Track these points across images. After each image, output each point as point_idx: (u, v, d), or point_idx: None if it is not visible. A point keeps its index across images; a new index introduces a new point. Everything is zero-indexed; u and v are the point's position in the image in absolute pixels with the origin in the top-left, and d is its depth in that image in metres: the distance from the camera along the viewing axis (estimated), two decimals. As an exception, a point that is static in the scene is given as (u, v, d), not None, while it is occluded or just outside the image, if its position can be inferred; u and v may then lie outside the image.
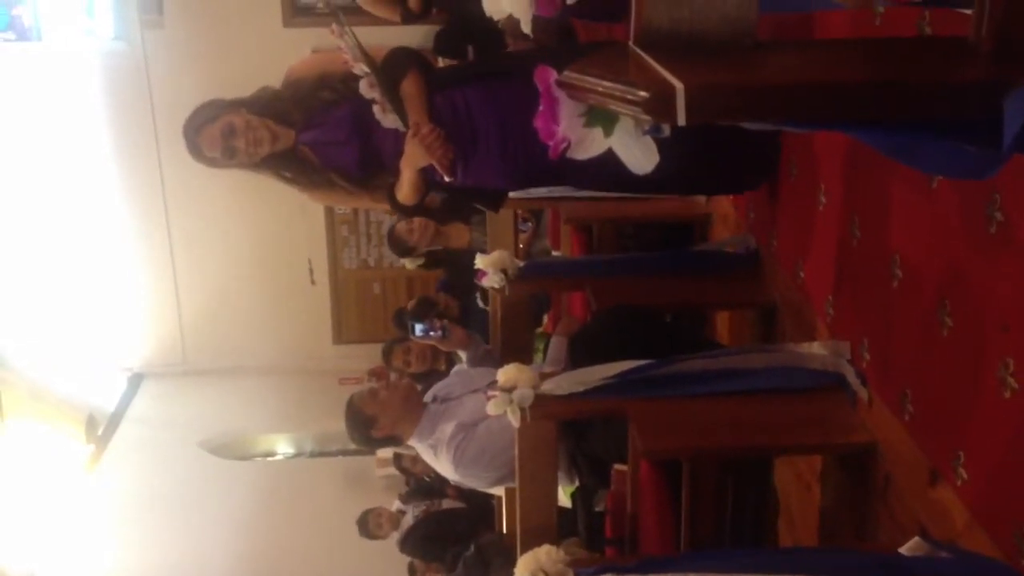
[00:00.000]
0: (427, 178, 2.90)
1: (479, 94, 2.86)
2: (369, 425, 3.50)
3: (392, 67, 2.83)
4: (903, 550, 1.95)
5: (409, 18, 4.42)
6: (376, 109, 2.82)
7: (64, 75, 8.75)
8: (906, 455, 2.32)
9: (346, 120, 2.89)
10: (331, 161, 2.92)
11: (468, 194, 3.11)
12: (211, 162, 2.92)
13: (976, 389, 2.02)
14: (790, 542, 3.04)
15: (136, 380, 9.60)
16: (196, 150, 2.91)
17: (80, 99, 8.77)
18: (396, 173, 2.89)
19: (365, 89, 2.79)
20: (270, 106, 2.91)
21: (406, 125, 2.80)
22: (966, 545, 2.03)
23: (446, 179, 2.86)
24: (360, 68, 2.78)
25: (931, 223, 2.21)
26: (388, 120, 2.83)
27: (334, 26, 2.79)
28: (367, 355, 8.30)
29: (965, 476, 2.07)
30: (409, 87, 2.82)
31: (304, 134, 2.91)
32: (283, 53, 8.41)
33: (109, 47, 8.79)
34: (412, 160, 2.83)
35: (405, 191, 2.91)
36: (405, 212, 3.07)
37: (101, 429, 8.92)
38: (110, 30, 8.78)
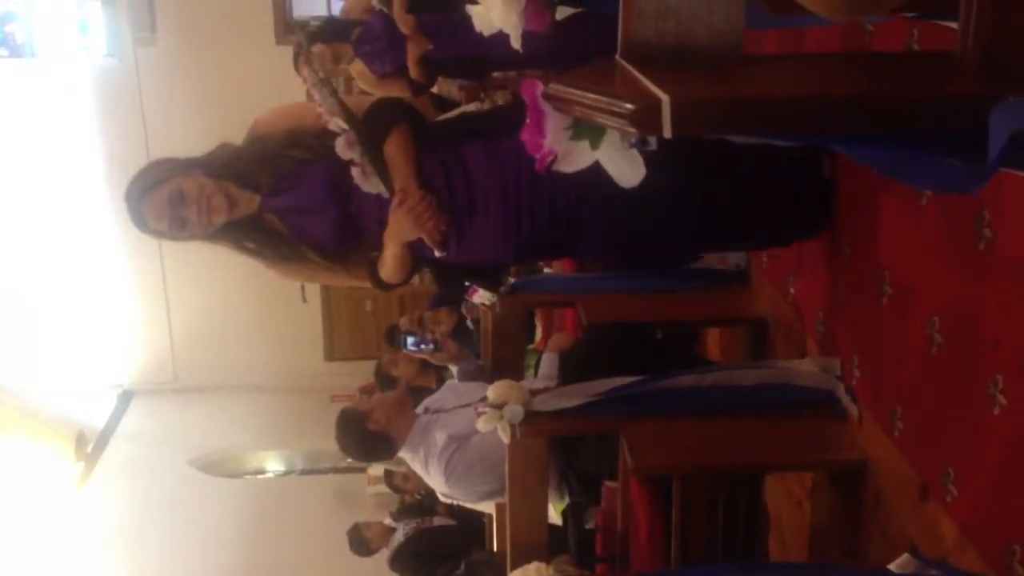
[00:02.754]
0: (415, 253, 2.52)
1: (478, 153, 2.50)
2: (364, 419, 3.48)
3: (375, 123, 2.45)
4: (893, 567, 1.94)
5: (418, 89, 4.15)
6: (355, 172, 2.43)
7: (57, 92, 8.77)
8: (896, 472, 2.31)
9: (320, 184, 2.47)
10: (302, 231, 2.51)
11: (463, 272, 2.76)
12: (159, 235, 2.49)
13: (966, 405, 2.02)
14: (781, 559, 3.02)
15: (126, 397, 9.57)
16: (140, 221, 2.47)
17: (73, 115, 8.78)
18: (378, 246, 2.51)
19: (343, 149, 2.42)
20: (230, 166, 2.49)
21: (391, 192, 2.43)
22: (956, 562, 2.02)
23: (437, 255, 2.50)
24: (337, 123, 2.41)
25: (921, 240, 2.21)
26: (370, 185, 2.44)
27: (306, 73, 2.48)
28: (359, 372, 8.29)
29: (955, 492, 2.07)
30: (394, 147, 2.43)
31: (271, 199, 2.49)
32: (276, 70, 8.47)
33: (102, 64, 8.81)
34: (398, 233, 2.44)
35: (389, 268, 2.52)
36: (389, 290, 2.68)
37: (91, 446, 8.88)
38: (103, 47, 8.80)
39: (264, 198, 2.49)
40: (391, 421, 3.48)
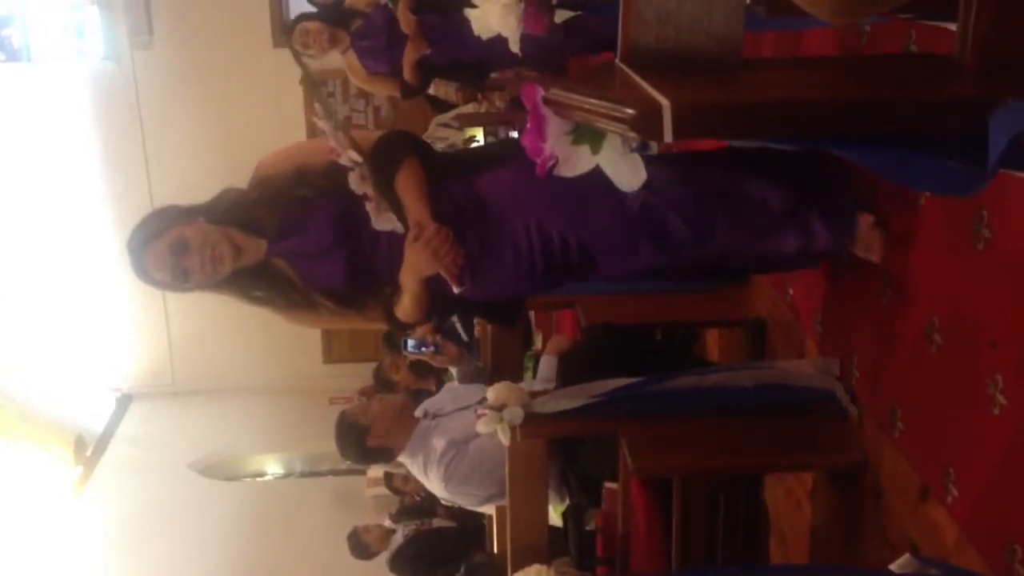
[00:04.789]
0: (431, 289, 2.39)
1: (489, 182, 2.39)
2: (364, 434, 3.50)
3: (383, 158, 2.34)
4: (893, 567, 1.94)
5: (408, 92, 4.13)
6: (370, 207, 2.33)
7: (54, 96, 8.75)
8: (896, 472, 2.32)
9: (328, 224, 2.36)
10: (312, 276, 2.40)
11: (479, 308, 2.66)
12: (161, 286, 2.38)
13: (965, 405, 2.02)
14: (781, 560, 3.03)
15: (125, 401, 9.55)
16: (143, 271, 2.36)
17: (70, 119, 8.76)
18: (392, 285, 2.39)
19: (356, 183, 2.32)
20: (234, 212, 2.37)
21: (406, 227, 2.32)
22: (957, 562, 2.03)
23: (455, 290, 2.36)
24: (349, 157, 2.32)
25: (919, 240, 2.22)
26: (383, 221, 2.34)
27: (317, 106, 2.42)
28: (357, 374, 8.28)
29: (955, 492, 2.07)
30: (405, 181, 2.32)
31: (277, 244, 2.38)
32: (273, 73, 8.47)
33: (99, 67, 8.79)
34: (415, 269, 2.32)
35: (407, 307, 2.39)
36: (406, 328, 2.57)
37: (89, 450, 8.87)
38: (100, 50, 8.79)
39: (271, 244, 2.38)
40: (391, 432, 3.50)
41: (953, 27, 1.47)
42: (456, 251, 2.31)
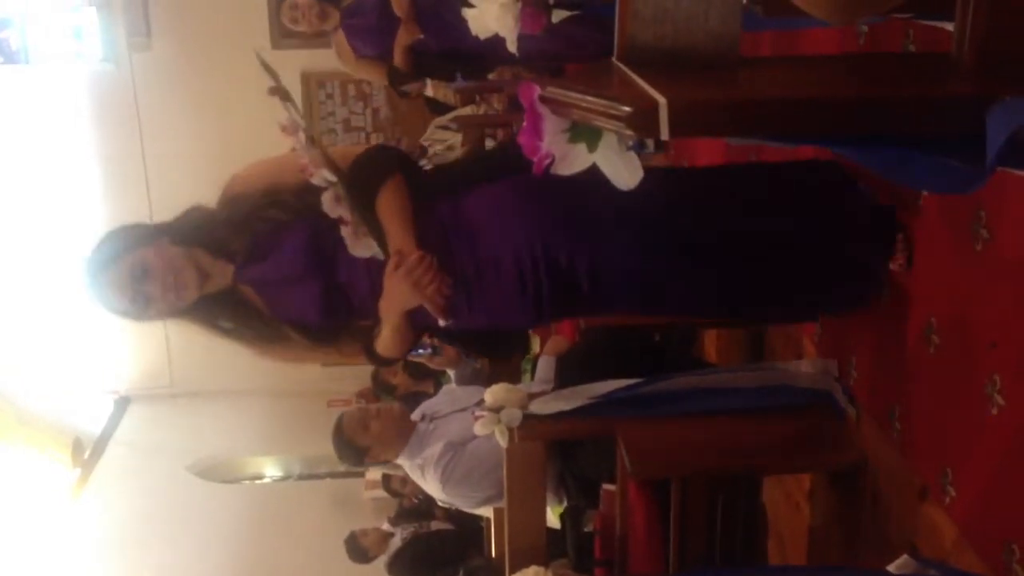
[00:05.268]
0: (416, 322, 2.20)
1: (481, 201, 2.20)
2: (362, 455, 3.54)
3: (364, 175, 2.14)
4: (892, 568, 1.94)
5: (396, 78, 3.98)
6: (345, 232, 2.12)
7: (52, 98, 8.75)
8: (894, 472, 2.31)
9: (300, 249, 2.15)
10: (282, 306, 2.20)
11: (471, 342, 2.51)
12: (120, 314, 2.18)
13: (963, 406, 2.02)
14: (779, 562, 3.02)
15: (123, 403, 9.54)
16: (102, 298, 2.15)
17: (68, 122, 8.77)
18: (372, 318, 2.20)
19: (330, 205, 2.10)
20: (200, 231, 2.18)
21: (386, 254, 2.11)
22: (955, 562, 2.03)
23: (440, 323, 2.16)
24: (322, 176, 2.10)
25: (918, 240, 2.22)
26: (361, 247, 2.13)
27: (285, 123, 2.16)
28: (355, 377, 8.27)
29: (953, 493, 2.07)
30: (387, 202, 2.12)
31: (246, 270, 2.18)
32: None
33: (97, 69, 8.80)
34: (395, 301, 2.12)
35: (388, 342, 2.20)
36: (387, 365, 2.37)
37: (87, 453, 8.85)
38: (98, 52, 8.79)
39: (238, 268, 2.18)
40: (387, 450, 3.51)
41: (950, 26, 1.47)
42: (441, 281, 2.10)
